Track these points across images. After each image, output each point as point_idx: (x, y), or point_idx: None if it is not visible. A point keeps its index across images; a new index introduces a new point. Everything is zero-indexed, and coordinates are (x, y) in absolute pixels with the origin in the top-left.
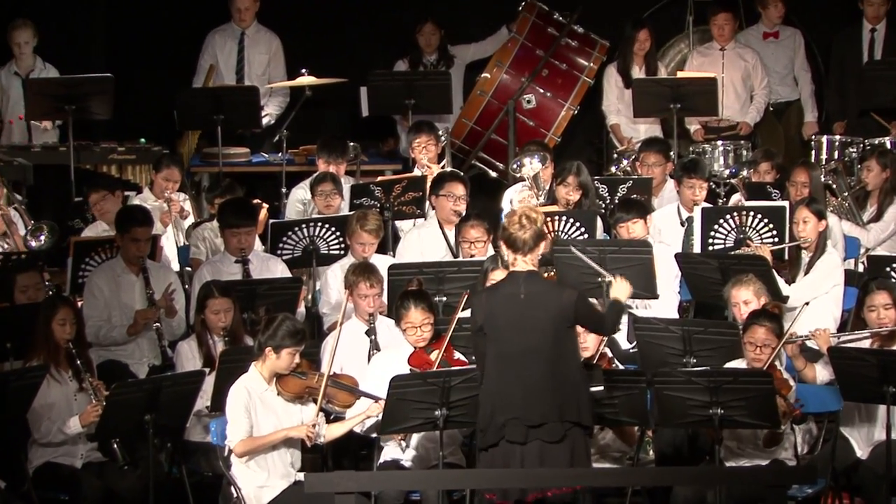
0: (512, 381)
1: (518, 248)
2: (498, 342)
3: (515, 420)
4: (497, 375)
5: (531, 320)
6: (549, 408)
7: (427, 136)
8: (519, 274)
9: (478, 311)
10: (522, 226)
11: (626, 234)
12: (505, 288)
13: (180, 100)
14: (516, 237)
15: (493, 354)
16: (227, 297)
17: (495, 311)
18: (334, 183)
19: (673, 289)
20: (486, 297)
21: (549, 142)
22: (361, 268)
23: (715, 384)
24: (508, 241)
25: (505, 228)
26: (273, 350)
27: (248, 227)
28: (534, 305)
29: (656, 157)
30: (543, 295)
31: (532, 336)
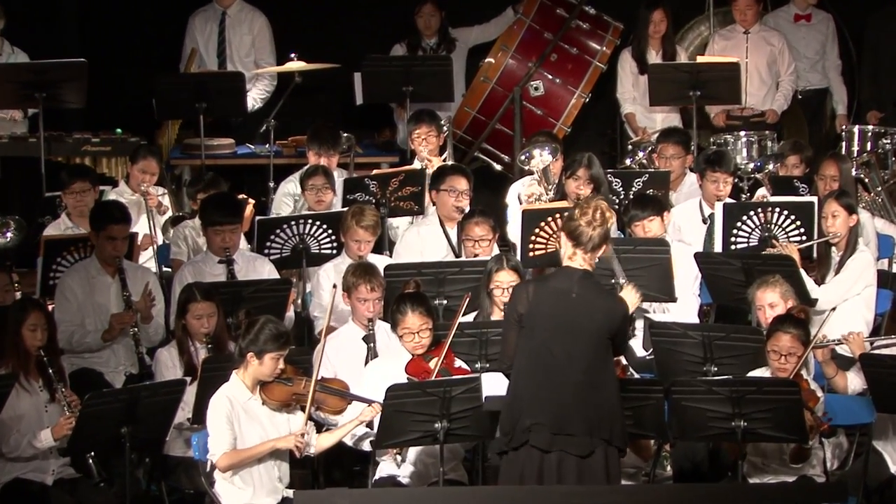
0: (546, 384)
1: (581, 244)
2: (536, 340)
3: (542, 426)
4: (530, 375)
5: (578, 324)
6: (579, 420)
7: (427, 126)
8: (573, 271)
9: (521, 301)
10: (593, 221)
11: (642, 233)
12: (556, 282)
13: (159, 87)
14: (582, 232)
15: (529, 353)
16: (211, 301)
17: (541, 305)
18: (326, 177)
19: (692, 291)
20: (533, 288)
21: (558, 132)
22: (362, 269)
23: (738, 394)
24: (573, 233)
25: (573, 219)
26: (255, 355)
27: (232, 224)
28: (584, 309)
29: (674, 149)
30: (596, 300)
31: (576, 341)
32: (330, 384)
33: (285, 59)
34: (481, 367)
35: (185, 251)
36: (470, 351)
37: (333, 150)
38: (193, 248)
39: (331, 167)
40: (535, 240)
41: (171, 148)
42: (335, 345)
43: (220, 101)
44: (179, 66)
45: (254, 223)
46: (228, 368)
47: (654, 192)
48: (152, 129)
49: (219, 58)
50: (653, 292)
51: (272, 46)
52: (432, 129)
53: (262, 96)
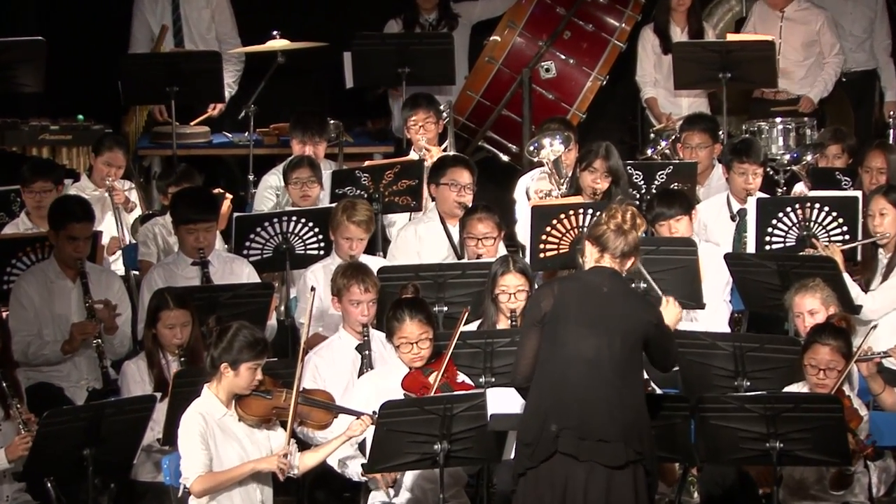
0: (575, 385)
1: (608, 249)
2: (563, 337)
3: (571, 430)
4: (556, 377)
5: (610, 320)
6: (612, 425)
7: (424, 111)
8: (604, 269)
9: (545, 297)
10: (623, 225)
11: (668, 234)
12: (586, 277)
13: (126, 68)
14: (609, 238)
15: (554, 350)
16: (184, 308)
17: (569, 299)
18: (312, 168)
19: (722, 297)
20: (559, 285)
21: (572, 119)
22: (353, 268)
23: (773, 412)
24: (600, 239)
25: (599, 224)
26: (229, 366)
27: (207, 222)
28: (616, 305)
29: (701, 138)
30: (628, 300)
31: (606, 339)
32: (313, 395)
33: (266, 38)
34: (486, 382)
35: (155, 252)
36: (473, 363)
37: (320, 138)
38: (164, 248)
39: (317, 158)
40: (546, 239)
41: (138, 137)
42: (325, 356)
43: (194, 84)
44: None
45: (231, 220)
46: (202, 383)
47: (680, 187)
48: (118, 115)
49: (175, 37)
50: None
51: (234, 20)
52: (431, 115)
53: (233, 79)
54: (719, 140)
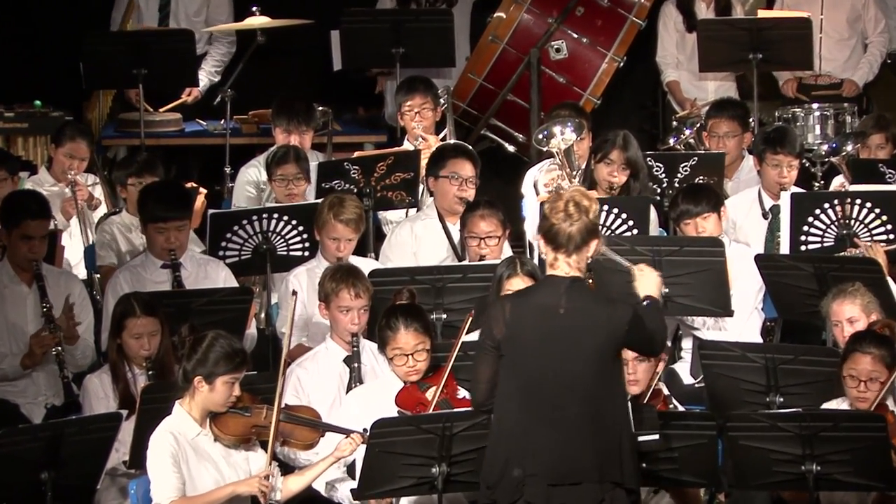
0: (538, 422)
1: (560, 245)
2: (521, 369)
3: (537, 477)
4: (517, 412)
5: (572, 344)
6: (585, 463)
7: (421, 96)
8: (559, 280)
9: (496, 322)
10: (569, 215)
11: (694, 233)
12: (539, 297)
13: (88, 49)
14: (558, 231)
15: (514, 385)
16: (153, 315)
17: (523, 326)
18: (299, 162)
19: (753, 303)
20: (511, 307)
21: (585, 105)
22: (343, 272)
23: (809, 431)
24: (549, 234)
25: (546, 217)
26: (203, 380)
27: (179, 220)
28: (577, 325)
29: (729, 126)
30: (590, 312)
31: (571, 365)
32: (297, 412)
33: (245, 14)
34: None
35: (114, 255)
36: None
37: (306, 127)
38: (126, 249)
39: (303, 148)
40: None
41: (102, 125)
42: (310, 369)
43: (164, 66)
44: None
45: (206, 218)
46: (173, 398)
47: (706, 180)
48: (80, 100)
49: (160, 12)
50: (704, 304)
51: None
52: (428, 100)
53: (217, 67)
54: (749, 128)
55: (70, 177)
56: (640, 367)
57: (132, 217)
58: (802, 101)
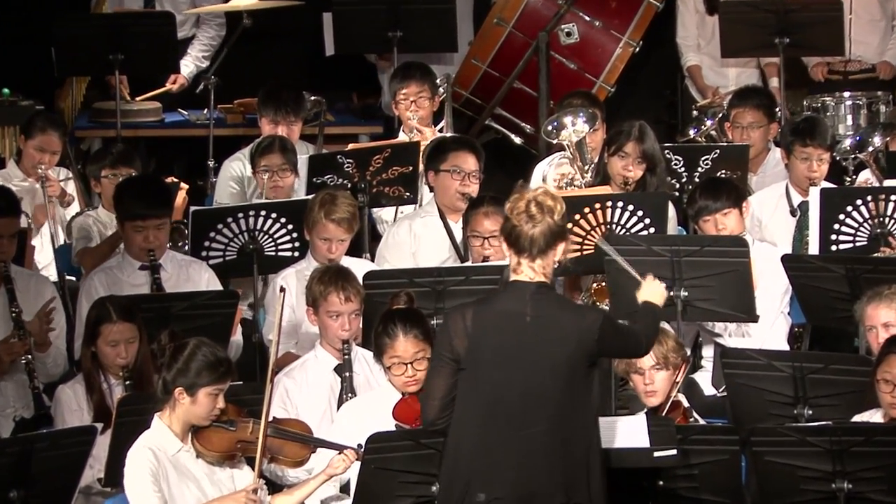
0: (501, 440)
1: (523, 249)
2: (484, 383)
3: (501, 501)
4: (478, 431)
5: (539, 355)
6: (552, 483)
7: (417, 84)
8: (523, 286)
9: (457, 333)
10: (531, 216)
11: (714, 231)
12: (502, 304)
13: (60, 32)
14: (520, 233)
15: (475, 401)
16: (130, 321)
17: (486, 336)
18: (284, 153)
19: (779, 308)
20: (472, 316)
21: (598, 93)
22: (332, 273)
23: (840, 446)
24: (510, 237)
25: (507, 219)
26: (185, 391)
27: (158, 217)
28: (545, 333)
29: (754, 116)
30: (558, 320)
31: (537, 377)
32: (286, 426)
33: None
34: None
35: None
36: None
37: (295, 116)
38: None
39: (291, 140)
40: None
41: (76, 115)
42: (298, 379)
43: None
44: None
45: (188, 215)
46: (152, 411)
47: (728, 175)
48: (51, 88)
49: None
50: (726, 309)
51: None
52: (424, 89)
53: (206, 52)
54: (776, 119)
55: (41, 171)
56: (657, 376)
57: (109, 214)
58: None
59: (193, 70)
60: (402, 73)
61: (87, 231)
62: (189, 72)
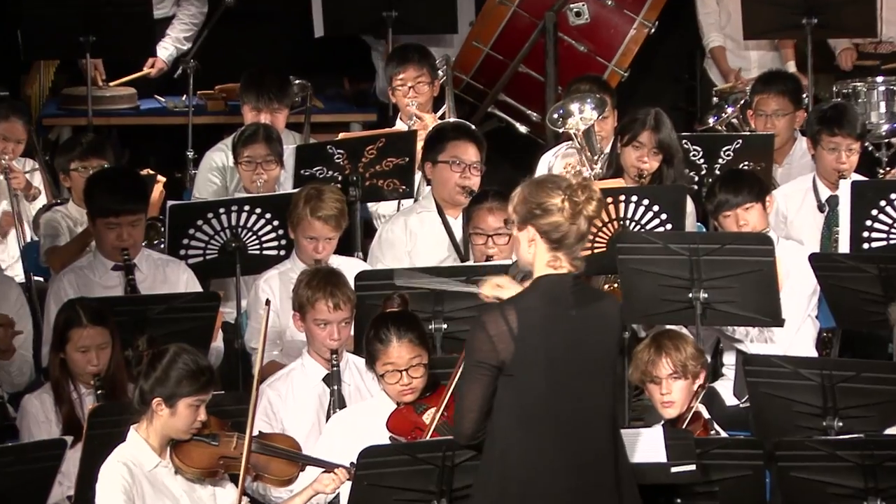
0: (556, 447)
1: (562, 244)
2: (534, 386)
3: None
4: (529, 439)
5: (588, 352)
6: (607, 491)
7: (416, 68)
8: (562, 280)
9: (501, 337)
10: (575, 205)
11: (735, 227)
12: (544, 300)
13: (27, 13)
14: (567, 233)
15: (524, 406)
16: (102, 326)
17: (535, 339)
18: (269, 143)
19: (806, 310)
20: (517, 316)
21: (610, 78)
22: (321, 277)
23: (872, 461)
24: (550, 231)
25: (550, 211)
26: (164, 402)
27: (133, 213)
28: (593, 328)
29: (779, 102)
30: (600, 310)
31: (592, 380)
32: (273, 442)
33: None
34: None
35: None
36: None
37: (280, 103)
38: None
39: (276, 128)
40: None
41: (43, 101)
42: (282, 390)
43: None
44: None
45: (165, 211)
46: (126, 423)
47: (751, 167)
48: (17, 73)
49: None
50: (749, 312)
51: None
52: (423, 72)
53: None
54: (802, 106)
55: (3, 162)
56: (675, 385)
57: (80, 209)
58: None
59: (173, 53)
60: (398, 57)
61: (54, 228)
62: (168, 55)
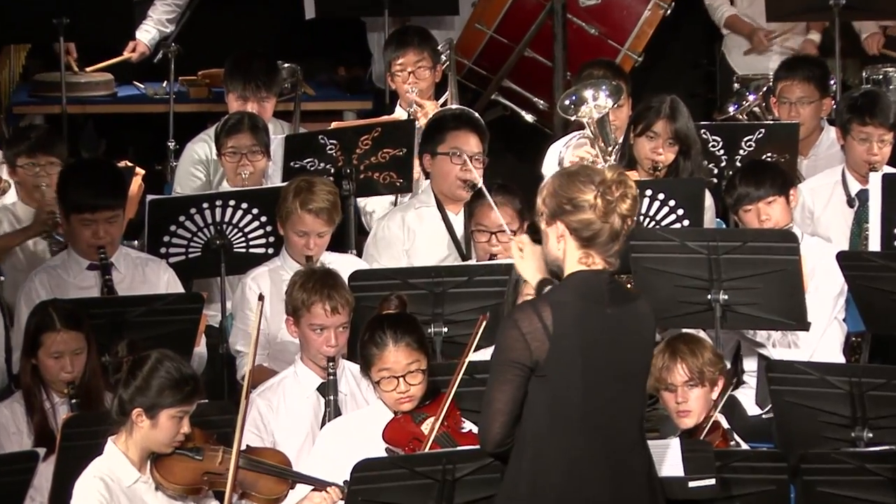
0: (591, 454)
1: (594, 243)
2: (569, 388)
3: None
4: (564, 444)
5: (627, 356)
6: (645, 499)
7: (416, 52)
8: (597, 276)
9: (535, 336)
10: (608, 203)
11: (756, 223)
12: (578, 297)
13: None
14: (591, 222)
15: (557, 409)
16: (76, 330)
17: (570, 336)
18: (255, 132)
19: (832, 313)
20: (550, 313)
21: (623, 62)
22: (317, 279)
23: None
24: (581, 228)
25: (581, 207)
26: (145, 413)
27: (110, 209)
28: (628, 330)
29: (805, 89)
30: (637, 312)
31: (628, 385)
32: (261, 457)
33: None
34: None
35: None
36: None
37: (267, 91)
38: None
39: (264, 117)
40: None
41: (13, 88)
42: (273, 400)
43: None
44: None
45: (144, 206)
46: (103, 434)
47: (774, 158)
48: None
49: None
50: (772, 315)
51: None
52: (424, 57)
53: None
54: (830, 93)
55: None
56: (692, 393)
57: (26, 209)
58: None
59: (155, 36)
60: (397, 40)
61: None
62: (150, 38)
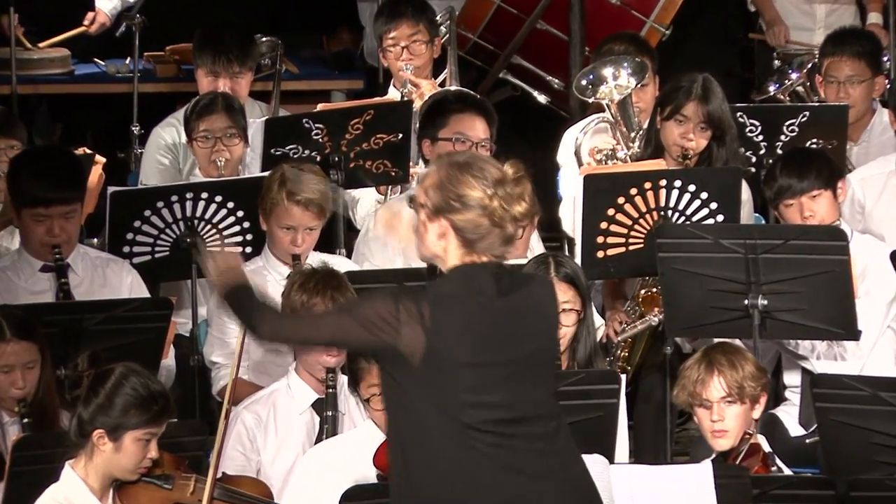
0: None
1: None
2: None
3: None
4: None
5: (529, 345)
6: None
7: (411, 25)
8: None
9: (411, 322)
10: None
11: (799, 218)
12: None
13: None
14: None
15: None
16: (28, 340)
17: (454, 336)
18: (230, 114)
19: (885, 321)
20: (428, 307)
21: (648, 36)
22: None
23: None
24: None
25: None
26: (107, 434)
27: (66, 203)
28: (525, 317)
29: (854, 67)
30: (530, 295)
31: (537, 374)
32: (239, 485)
33: None
34: None
35: None
36: None
37: (241, 67)
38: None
39: (239, 97)
40: (608, 228)
41: None
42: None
43: None
44: None
45: (104, 199)
46: (59, 458)
47: (820, 145)
48: None
49: None
50: (818, 323)
51: None
52: (420, 29)
53: None
54: (883, 71)
55: None
56: (729, 411)
57: None
58: None
59: (117, 5)
60: (388, 10)
61: None
62: (111, 7)
